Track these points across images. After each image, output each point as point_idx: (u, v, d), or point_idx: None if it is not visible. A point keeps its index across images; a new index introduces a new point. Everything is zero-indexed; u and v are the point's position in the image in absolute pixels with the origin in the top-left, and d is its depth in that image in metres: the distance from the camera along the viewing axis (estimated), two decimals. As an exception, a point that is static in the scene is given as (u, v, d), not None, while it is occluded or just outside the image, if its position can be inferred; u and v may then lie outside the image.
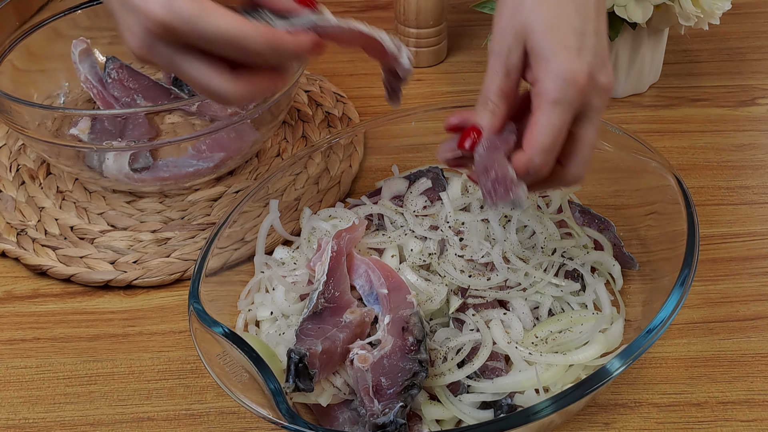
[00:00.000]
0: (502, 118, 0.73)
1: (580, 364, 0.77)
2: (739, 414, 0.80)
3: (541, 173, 0.71)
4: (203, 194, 1.06)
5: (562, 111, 0.69)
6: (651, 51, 1.16)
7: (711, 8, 1.07)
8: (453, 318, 0.83)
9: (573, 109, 0.69)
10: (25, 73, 1.11)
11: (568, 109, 0.69)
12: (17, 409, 0.84)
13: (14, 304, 0.95)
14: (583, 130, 0.72)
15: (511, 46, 0.72)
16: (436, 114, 0.98)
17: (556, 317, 0.82)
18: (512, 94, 0.73)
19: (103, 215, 1.04)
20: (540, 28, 0.70)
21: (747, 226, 0.99)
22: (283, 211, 0.99)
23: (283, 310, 0.85)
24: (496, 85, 0.73)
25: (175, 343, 0.90)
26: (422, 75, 1.28)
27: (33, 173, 1.10)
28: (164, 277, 0.95)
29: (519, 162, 0.71)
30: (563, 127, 0.69)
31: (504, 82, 0.73)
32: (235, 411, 0.83)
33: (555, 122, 0.69)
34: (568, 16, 0.70)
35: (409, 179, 0.97)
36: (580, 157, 0.73)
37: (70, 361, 0.88)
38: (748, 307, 0.90)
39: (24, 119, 0.97)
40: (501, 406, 0.75)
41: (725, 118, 1.16)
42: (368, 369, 0.73)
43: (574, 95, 0.69)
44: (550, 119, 0.69)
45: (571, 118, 0.70)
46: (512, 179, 0.71)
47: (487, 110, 0.73)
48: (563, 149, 0.72)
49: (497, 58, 0.73)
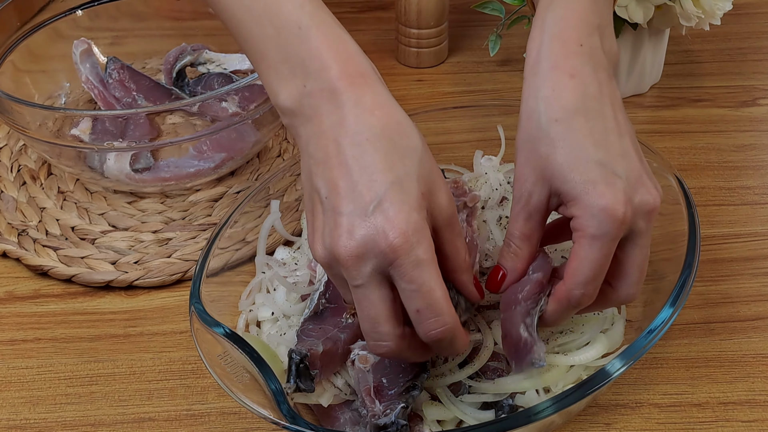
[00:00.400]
0: (525, 259, 0.73)
1: (581, 364, 0.77)
2: (740, 414, 0.80)
3: (582, 304, 0.70)
4: (204, 195, 1.06)
5: (602, 244, 0.67)
6: (652, 51, 1.16)
7: (712, 9, 1.07)
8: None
9: (614, 240, 0.67)
10: (26, 73, 1.11)
11: (608, 242, 0.67)
12: (18, 410, 0.84)
13: (15, 305, 0.95)
14: (630, 253, 0.70)
15: (531, 190, 0.70)
16: (437, 114, 0.98)
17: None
18: (535, 234, 0.72)
19: (104, 216, 1.04)
20: (559, 172, 0.68)
21: (748, 226, 0.99)
22: (284, 211, 0.99)
23: (284, 310, 0.85)
24: (518, 229, 0.72)
25: (176, 344, 0.90)
26: (423, 75, 1.28)
27: (34, 174, 1.10)
28: (165, 277, 0.95)
29: (559, 294, 0.70)
30: (604, 259, 0.67)
31: (525, 225, 0.72)
32: (236, 411, 0.83)
33: (595, 256, 0.67)
34: (585, 151, 0.68)
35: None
36: (630, 279, 0.71)
37: (71, 361, 0.88)
38: (749, 307, 0.90)
39: (25, 120, 0.97)
40: (502, 407, 0.75)
41: (726, 119, 1.16)
42: (369, 369, 0.73)
43: (613, 227, 0.66)
44: (590, 253, 0.67)
45: (612, 249, 0.68)
46: (525, 341, 0.72)
47: (510, 252, 0.73)
48: (611, 271, 0.70)
49: (517, 203, 0.71)
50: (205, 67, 1.18)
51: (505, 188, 0.91)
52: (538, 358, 0.72)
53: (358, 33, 1.38)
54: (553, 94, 0.69)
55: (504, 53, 1.30)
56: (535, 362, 0.72)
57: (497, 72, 1.28)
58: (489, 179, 0.92)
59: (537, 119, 0.69)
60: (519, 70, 1.27)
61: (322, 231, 0.66)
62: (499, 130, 0.97)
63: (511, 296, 0.74)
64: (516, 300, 0.73)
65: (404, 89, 1.25)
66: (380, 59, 1.31)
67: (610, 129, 0.69)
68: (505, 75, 1.27)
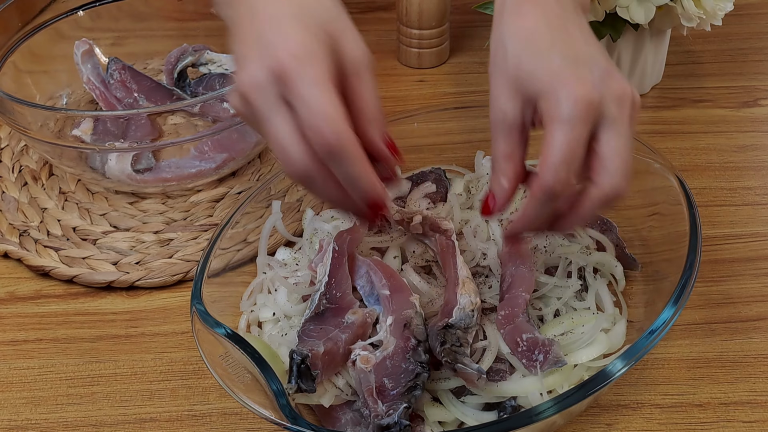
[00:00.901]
0: (511, 179, 0.72)
1: (582, 364, 0.77)
2: (741, 415, 0.80)
3: (557, 193, 0.68)
4: (206, 195, 1.06)
5: (570, 127, 0.66)
6: (653, 52, 1.16)
7: (713, 9, 1.07)
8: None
9: (584, 123, 0.67)
10: (28, 74, 1.11)
11: (578, 125, 0.66)
12: (20, 410, 0.84)
13: (17, 305, 0.95)
14: (605, 140, 0.69)
15: (505, 107, 0.71)
16: (439, 115, 0.98)
17: (558, 320, 0.81)
18: (517, 152, 0.72)
19: (106, 216, 1.04)
20: (528, 75, 0.69)
21: (749, 227, 0.99)
22: (286, 212, 0.99)
23: (285, 311, 0.85)
24: (500, 150, 0.72)
25: (178, 344, 0.90)
26: (425, 76, 1.28)
27: (35, 174, 1.10)
28: (167, 278, 0.95)
29: (534, 187, 0.69)
30: (574, 142, 0.67)
31: (505, 144, 0.72)
32: (237, 412, 0.83)
33: (565, 139, 0.67)
34: (551, 53, 0.69)
35: (412, 180, 0.97)
36: (610, 169, 0.69)
37: (72, 362, 0.88)
38: (750, 308, 0.90)
39: (26, 120, 0.98)
40: (504, 408, 0.75)
41: (727, 119, 1.16)
42: (371, 370, 0.73)
43: (581, 109, 0.66)
44: (559, 137, 0.67)
45: (583, 133, 0.67)
46: (544, 342, 0.74)
47: (496, 175, 0.73)
48: (591, 166, 0.69)
49: (495, 125, 0.72)
50: (207, 68, 1.18)
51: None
52: (561, 357, 0.74)
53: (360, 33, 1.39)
54: (517, 20, 0.72)
55: (505, 54, 1.30)
56: (559, 361, 0.74)
57: (498, 72, 1.28)
58: (490, 180, 0.92)
59: (504, 45, 0.72)
60: (520, 71, 1.27)
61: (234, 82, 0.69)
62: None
63: (507, 310, 0.78)
64: (515, 313, 0.77)
65: (405, 90, 1.25)
66: (382, 60, 1.31)
67: (576, 38, 0.71)
68: (507, 75, 1.27)
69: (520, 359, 0.76)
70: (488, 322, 0.80)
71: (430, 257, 0.87)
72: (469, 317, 0.76)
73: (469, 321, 0.76)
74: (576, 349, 0.78)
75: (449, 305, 0.78)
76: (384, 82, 1.27)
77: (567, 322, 0.81)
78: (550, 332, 0.80)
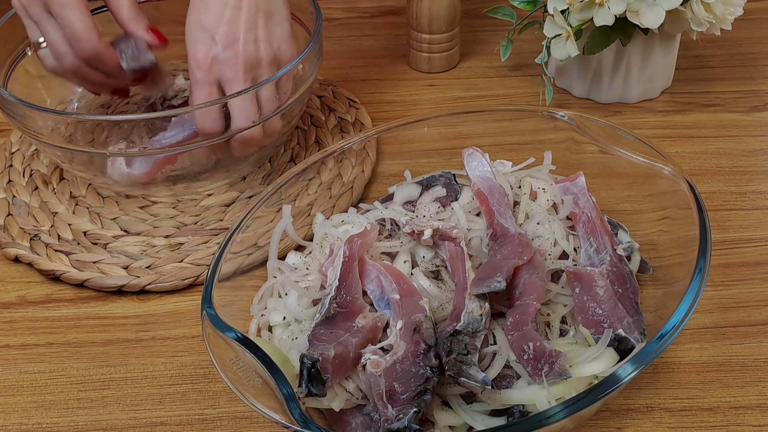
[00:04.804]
0: None
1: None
2: (751, 419, 0.80)
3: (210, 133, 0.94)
4: (216, 199, 1.06)
5: (198, 87, 0.93)
6: (663, 56, 1.16)
7: (723, 14, 1.07)
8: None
9: (208, 84, 0.93)
10: (39, 78, 1.11)
11: (203, 85, 0.93)
12: (30, 414, 0.84)
13: (27, 309, 0.95)
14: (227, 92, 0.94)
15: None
16: (449, 119, 0.98)
17: (565, 339, 0.81)
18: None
19: (116, 220, 1.04)
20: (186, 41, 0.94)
21: (759, 231, 0.99)
22: (296, 216, 0.99)
23: (296, 315, 0.85)
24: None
25: (188, 348, 0.90)
26: (435, 80, 1.28)
27: (46, 178, 1.10)
28: (177, 282, 0.96)
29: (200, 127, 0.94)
30: (206, 98, 0.93)
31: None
32: (248, 416, 0.83)
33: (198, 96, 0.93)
34: (199, 20, 0.93)
35: (422, 184, 0.97)
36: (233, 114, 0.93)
37: (83, 366, 0.89)
38: (760, 312, 0.90)
39: (37, 124, 0.98)
40: (513, 413, 0.75)
41: (737, 124, 1.16)
42: (381, 374, 0.73)
43: (201, 73, 0.93)
44: (194, 95, 0.94)
45: (211, 90, 0.93)
46: (551, 353, 0.74)
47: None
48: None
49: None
50: (177, 100, 1.18)
51: (516, 192, 0.91)
52: (566, 370, 0.74)
53: (370, 38, 1.39)
54: None
55: (515, 58, 1.30)
56: (564, 373, 0.73)
57: (508, 77, 1.28)
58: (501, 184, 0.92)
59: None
60: (530, 75, 1.27)
61: None
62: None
63: (517, 316, 0.78)
64: (524, 321, 0.77)
65: (416, 94, 1.25)
66: (392, 64, 1.31)
67: (228, 3, 0.92)
68: (517, 80, 1.27)
69: (525, 367, 0.75)
70: (498, 327, 0.80)
71: (440, 262, 0.87)
72: (478, 321, 0.76)
73: (478, 325, 0.76)
74: (582, 362, 0.77)
75: (458, 309, 0.78)
76: (394, 86, 1.27)
77: (572, 340, 0.80)
78: (556, 342, 0.80)
